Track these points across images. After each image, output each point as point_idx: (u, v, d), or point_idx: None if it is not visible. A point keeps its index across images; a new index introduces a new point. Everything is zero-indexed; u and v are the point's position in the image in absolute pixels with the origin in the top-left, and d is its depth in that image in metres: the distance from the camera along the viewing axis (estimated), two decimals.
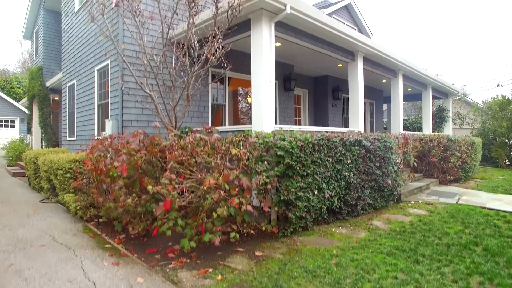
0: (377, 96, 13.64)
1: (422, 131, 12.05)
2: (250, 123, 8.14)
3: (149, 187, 3.76)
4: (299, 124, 10.73)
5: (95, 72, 7.17)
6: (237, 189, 4.04)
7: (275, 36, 5.39)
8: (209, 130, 5.14)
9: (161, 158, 4.36)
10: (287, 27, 5.62)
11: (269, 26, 5.15)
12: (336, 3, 12.44)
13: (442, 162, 8.64)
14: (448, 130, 13.64)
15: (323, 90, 10.89)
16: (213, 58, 4.45)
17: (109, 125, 5.95)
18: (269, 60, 5.14)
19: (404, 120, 14.10)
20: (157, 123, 4.24)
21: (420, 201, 6.51)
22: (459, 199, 6.63)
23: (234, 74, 7.71)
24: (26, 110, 15.61)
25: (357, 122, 7.44)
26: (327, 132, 6.44)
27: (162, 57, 4.73)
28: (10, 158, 14.27)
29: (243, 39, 5.81)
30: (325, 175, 4.68)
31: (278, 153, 4.17)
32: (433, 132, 12.31)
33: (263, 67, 5.05)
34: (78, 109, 8.25)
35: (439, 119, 13.95)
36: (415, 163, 7.79)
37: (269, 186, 4.15)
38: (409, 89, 11.88)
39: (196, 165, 4.16)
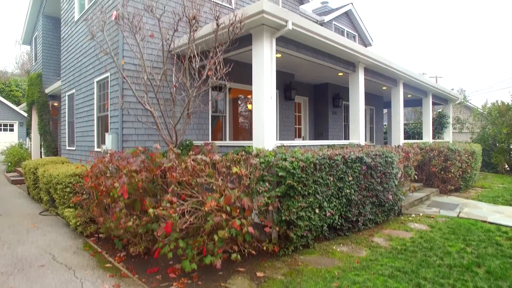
0: (377, 102, 13.63)
1: (422, 137, 12.07)
2: (251, 135, 8.13)
3: (150, 210, 3.73)
4: (299, 132, 10.71)
5: (95, 84, 7.14)
6: (238, 210, 4.03)
7: (276, 49, 5.37)
8: (210, 147, 5.13)
9: (162, 177, 4.34)
10: (288, 41, 5.60)
11: (270, 41, 5.12)
12: (337, 9, 12.42)
13: (442, 172, 8.64)
14: (448, 136, 13.64)
15: (323, 98, 10.87)
16: (214, 78, 4.42)
17: (109, 139, 5.92)
18: (271, 77, 5.12)
19: (404, 124, 14.14)
20: (157, 146, 4.21)
21: (421, 214, 6.50)
22: (460, 212, 6.62)
23: (234, 85, 7.66)
24: (25, 114, 15.54)
25: (358, 134, 7.43)
26: (328, 145, 6.46)
27: (162, 75, 4.71)
28: (9, 164, 14.22)
29: (244, 51, 5.78)
30: (326, 194, 4.66)
31: (280, 173, 4.15)
32: (433, 138, 12.31)
33: (265, 84, 5.03)
34: (78, 119, 8.21)
35: (439, 125, 13.95)
36: (415, 176, 7.78)
37: (270, 207, 4.13)
38: (409, 95, 11.88)
39: (198, 186, 4.14)
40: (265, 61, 5.02)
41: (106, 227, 4.44)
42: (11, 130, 20.66)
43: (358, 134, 7.45)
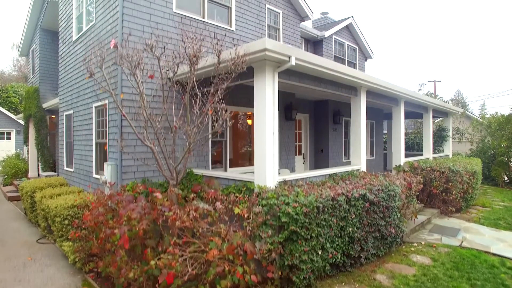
0: (376, 115, 13.58)
1: (421, 148, 12.03)
2: (251, 159, 8.04)
3: (152, 262, 3.66)
4: (299, 149, 10.64)
5: (93, 109, 7.03)
6: (241, 257, 3.96)
7: (278, 81, 5.29)
8: (212, 183, 5.05)
9: (164, 221, 4.25)
10: (290, 73, 5.53)
11: (273, 76, 5.05)
12: (337, 23, 12.36)
13: (443, 194, 8.59)
14: (448, 149, 13.62)
15: (323, 115, 10.81)
16: (216, 125, 4.34)
17: (108, 170, 5.82)
18: (273, 113, 5.05)
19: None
20: (159, 195, 4.12)
21: (423, 243, 6.44)
22: (462, 241, 6.57)
23: (234, 108, 7.61)
24: (22, 122, 15.32)
25: (360, 158, 7.37)
26: (329, 174, 6.39)
27: (163, 115, 4.63)
28: (6, 176, 14.07)
29: (245, 82, 5.71)
30: (329, 235, 4.60)
31: (283, 219, 4.08)
32: (433, 151, 12.27)
33: (267, 120, 4.95)
34: (76, 142, 8.10)
35: (438, 138, 13.93)
36: (417, 202, 7.74)
37: (273, 254, 4.06)
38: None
39: (199, 231, 4.07)
40: (267, 97, 4.94)
41: (106, 270, 4.36)
42: (8, 138, 20.47)
43: (360, 158, 7.39)
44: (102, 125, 6.79)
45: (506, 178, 14.47)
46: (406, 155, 9.98)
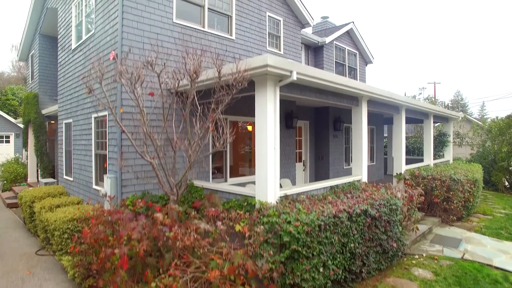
0: (377, 120, 13.55)
1: (422, 152, 11.99)
2: (251, 169, 7.98)
3: (153, 284, 3.62)
4: (300, 156, 10.60)
5: (92, 119, 6.98)
6: (242, 277, 3.93)
7: (280, 94, 5.25)
8: (213, 198, 5.01)
9: (164, 242, 4.21)
10: (292, 86, 5.48)
11: (274, 91, 5.00)
12: (338, 28, 12.31)
13: (445, 203, 8.56)
14: (449, 154, 13.59)
15: (324, 121, 10.77)
16: (217, 144, 4.30)
17: (107, 183, 5.78)
18: (274, 128, 5.01)
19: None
20: (159, 216, 4.08)
21: (424, 254, 6.41)
22: (464, 253, 6.54)
23: (235, 118, 7.57)
24: (21, 125, 15.21)
25: (361, 169, 7.33)
26: (330, 186, 6.35)
27: (163, 133, 4.59)
28: (5, 181, 14.01)
29: (245, 95, 5.66)
30: (331, 252, 4.56)
31: (284, 238, 4.05)
32: (434, 156, 12.24)
33: (268, 135, 4.92)
34: (75, 151, 8.05)
35: (439, 143, 13.90)
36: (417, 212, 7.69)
37: (274, 274, 4.02)
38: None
39: (200, 251, 4.03)
40: (268, 112, 4.90)
41: None
42: (7, 141, 20.39)
43: (361, 168, 7.35)
44: (101, 136, 6.75)
45: (506, 183, 14.45)
46: (407, 160, 9.93)
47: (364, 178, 7.33)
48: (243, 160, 8.38)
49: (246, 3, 8.09)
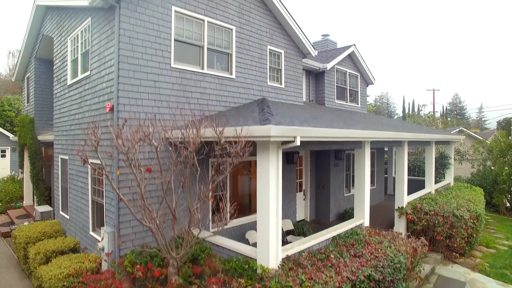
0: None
1: (422, 173, 11.86)
2: (252, 210, 7.80)
3: None
4: (300, 186, 10.45)
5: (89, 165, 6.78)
6: None
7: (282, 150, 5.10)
8: (214, 264, 4.86)
9: None
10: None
11: (277, 154, 4.87)
12: (339, 53, 12.15)
13: (447, 240, 8.44)
14: (450, 176, 13.47)
15: (325, 151, 10.61)
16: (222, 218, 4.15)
17: (105, 239, 5.61)
18: (276, 188, 4.91)
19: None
20: None
21: None
22: None
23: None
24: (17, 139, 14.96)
25: (363, 211, 7.20)
26: (332, 237, 6.21)
27: (162, 208, 4.44)
28: (0, 203, 13.78)
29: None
30: None
31: None
32: (435, 176, 12.09)
33: (270, 196, 4.81)
34: (72, 191, 7.86)
35: (440, 165, 13.80)
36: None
37: None
38: None
39: None
40: (270, 176, 4.77)
41: None
42: (3, 156, 20.13)
43: (363, 211, 7.21)
44: (98, 182, 6.56)
45: (508, 205, 14.36)
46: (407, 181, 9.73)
47: (367, 222, 7.20)
48: (243, 199, 8.22)
49: (247, 39, 7.90)
